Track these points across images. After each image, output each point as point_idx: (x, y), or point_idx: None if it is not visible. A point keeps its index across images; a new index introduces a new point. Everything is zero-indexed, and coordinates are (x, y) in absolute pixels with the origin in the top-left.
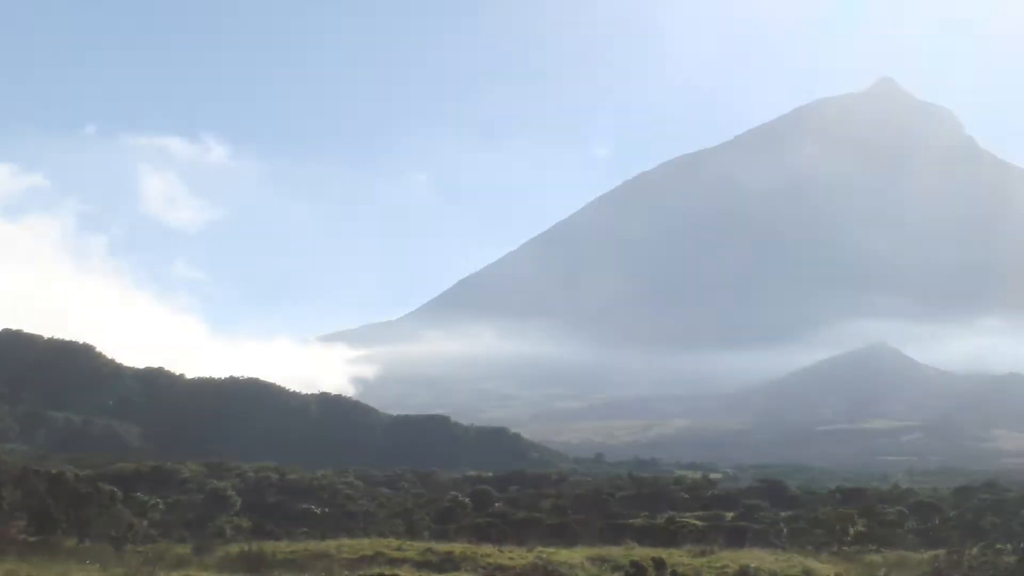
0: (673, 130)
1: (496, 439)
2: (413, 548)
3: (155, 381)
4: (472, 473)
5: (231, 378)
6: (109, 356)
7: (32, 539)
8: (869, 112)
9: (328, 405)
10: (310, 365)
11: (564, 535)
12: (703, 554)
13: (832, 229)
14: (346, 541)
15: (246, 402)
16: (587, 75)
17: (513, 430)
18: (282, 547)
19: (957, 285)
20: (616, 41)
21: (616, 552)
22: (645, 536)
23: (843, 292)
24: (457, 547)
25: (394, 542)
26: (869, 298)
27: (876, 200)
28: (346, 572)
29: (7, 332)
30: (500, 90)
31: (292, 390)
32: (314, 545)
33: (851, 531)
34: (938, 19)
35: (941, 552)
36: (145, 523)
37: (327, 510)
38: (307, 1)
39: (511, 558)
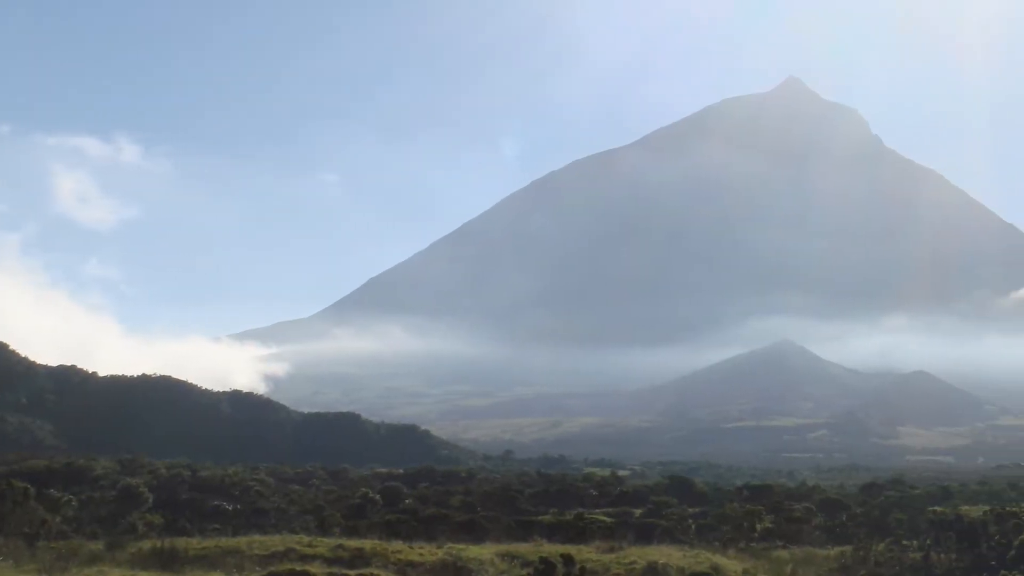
0: (583, 129)
1: (406, 436)
2: (324, 544)
3: (68, 379)
4: (382, 470)
5: (144, 376)
6: (22, 354)
7: None
8: (776, 112)
9: (240, 403)
10: (222, 363)
11: (473, 532)
12: (612, 551)
13: (739, 228)
14: (257, 537)
15: (159, 400)
16: (498, 74)
17: (423, 427)
18: (194, 543)
19: (863, 284)
20: (527, 41)
21: (525, 549)
22: (554, 533)
23: (750, 290)
24: (368, 543)
25: (305, 538)
26: (776, 296)
27: (783, 199)
28: (257, 568)
29: None
30: (411, 89)
31: (204, 388)
32: (226, 542)
33: (758, 527)
34: (844, 19)
35: (848, 548)
36: (58, 520)
37: (239, 507)
38: (216, 1)
39: (421, 555)
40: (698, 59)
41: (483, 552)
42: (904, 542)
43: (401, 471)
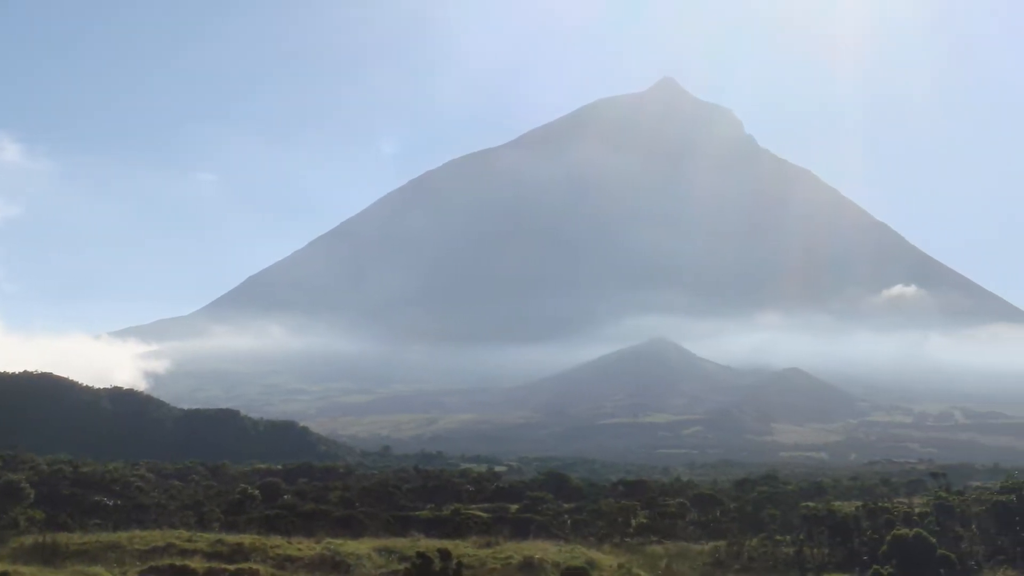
0: (460, 129)
1: (285, 433)
2: (204, 539)
3: None
4: (261, 466)
5: (25, 373)
6: None
7: None
8: (651, 111)
9: (120, 399)
10: (103, 360)
11: (351, 527)
12: (488, 545)
13: (615, 227)
14: (138, 532)
15: (40, 396)
16: (375, 75)
17: (301, 424)
18: (75, 538)
19: (737, 282)
20: (404, 41)
21: (403, 543)
22: (431, 528)
23: (626, 288)
24: (247, 538)
25: (185, 533)
26: (651, 294)
27: (658, 198)
28: (138, 563)
29: None
30: (289, 89)
31: (85, 385)
32: (107, 536)
33: (633, 523)
34: (718, 20)
35: (721, 543)
36: None
37: (119, 502)
38: (94, 1)
39: (299, 549)
40: (574, 59)
41: (361, 547)
42: (777, 537)
43: (280, 467)
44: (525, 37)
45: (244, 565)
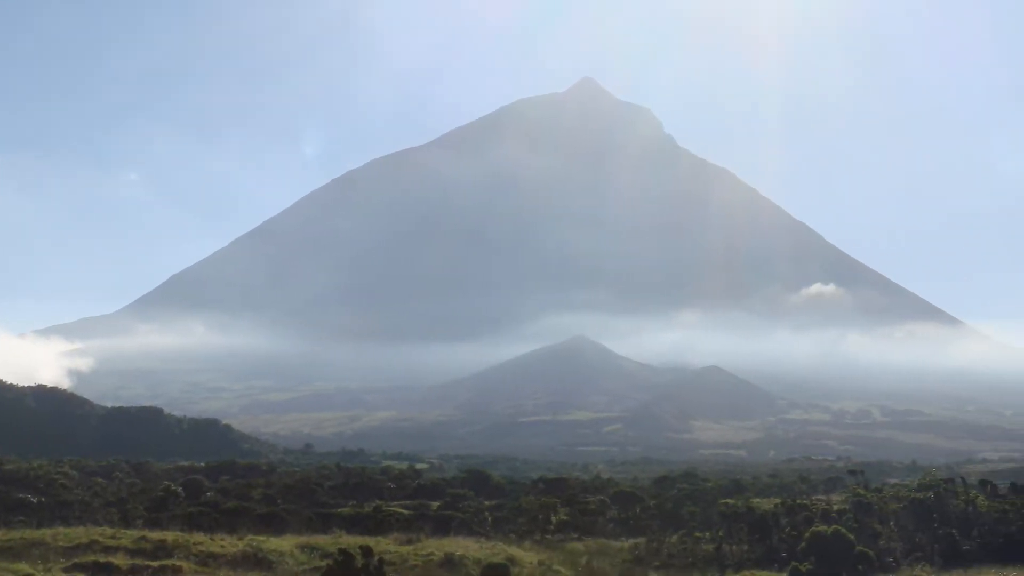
0: (382, 129)
1: (208, 430)
2: (127, 536)
3: None
4: (185, 463)
5: None
6: None
7: None
8: (571, 111)
9: (44, 397)
10: (26, 358)
11: (274, 524)
12: (410, 542)
13: (536, 226)
14: (62, 529)
15: None
16: (298, 74)
17: (224, 421)
18: None
19: (657, 280)
20: (326, 40)
21: (324, 540)
22: (353, 525)
23: (546, 287)
24: (170, 535)
25: (109, 530)
26: (571, 293)
27: (578, 197)
28: (62, 560)
29: None
30: (213, 88)
31: (8, 383)
32: (30, 533)
33: (554, 520)
34: (638, 20)
35: (641, 540)
36: None
37: (43, 499)
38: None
39: (222, 546)
40: (495, 59)
41: (283, 544)
42: (697, 534)
43: (203, 464)
44: (447, 37)
45: (167, 562)
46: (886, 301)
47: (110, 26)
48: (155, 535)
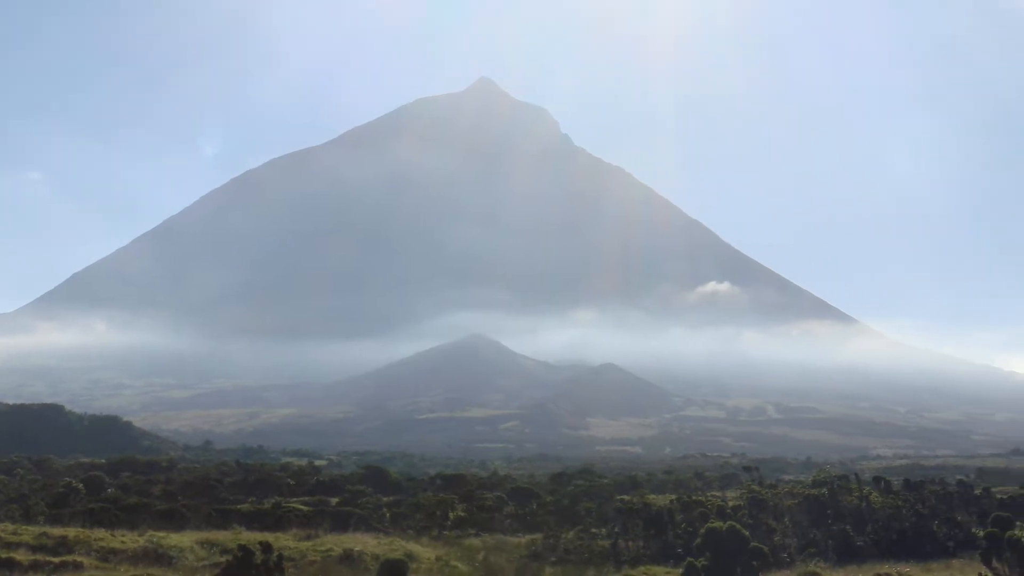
0: (281, 128)
1: (109, 427)
2: (28, 532)
3: None
4: (85, 460)
5: None
6: None
7: None
8: (469, 111)
9: None
10: None
11: (174, 520)
12: (309, 538)
13: (434, 224)
14: None
15: None
16: (196, 74)
17: (125, 418)
18: None
19: (554, 279)
20: (225, 40)
21: (224, 536)
22: (253, 521)
23: (444, 285)
24: (71, 531)
25: (10, 526)
26: (469, 291)
27: (476, 196)
28: None
29: None
30: (114, 88)
31: None
32: None
33: (451, 516)
34: (535, 21)
35: (538, 536)
36: None
37: None
38: None
39: (123, 542)
40: (393, 59)
41: (183, 539)
42: (593, 530)
43: (104, 461)
44: (345, 37)
45: (68, 558)
46: (781, 299)
47: (7, 25)
48: (56, 531)
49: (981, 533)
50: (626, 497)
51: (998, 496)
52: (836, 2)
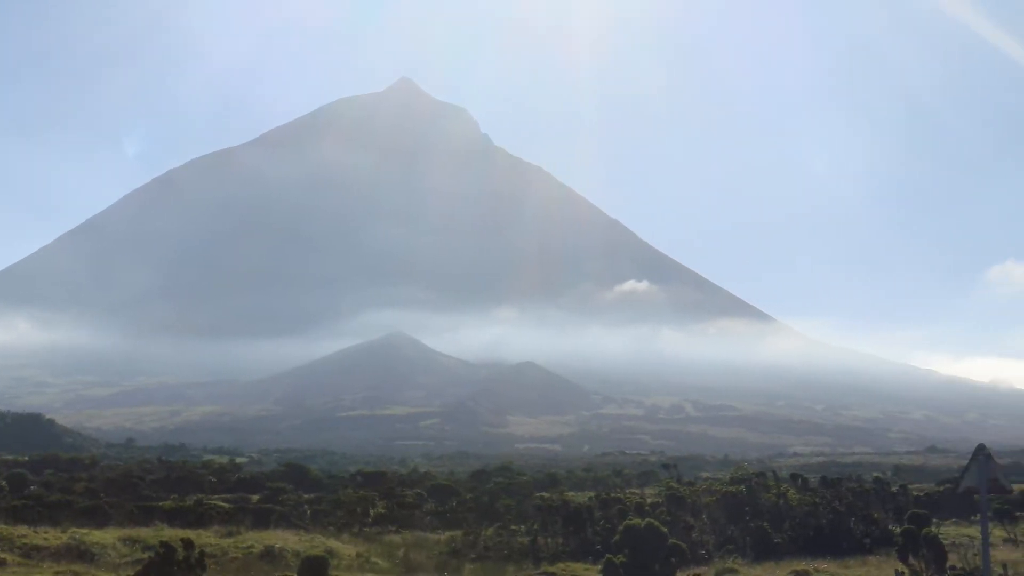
0: (202, 128)
1: (31, 425)
2: None
3: None
4: (8, 457)
5: None
6: None
7: None
8: (389, 111)
9: None
10: None
11: (96, 517)
12: (230, 535)
13: (354, 223)
14: None
15: None
16: (118, 73)
17: (48, 416)
18: None
19: (474, 277)
20: (145, 40)
21: (146, 533)
22: (174, 518)
23: (365, 284)
24: None
25: None
26: (390, 289)
27: (397, 195)
28: None
29: None
30: (34, 86)
31: None
32: None
33: (372, 513)
34: (455, 21)
35: (458, 533)
36: None
37: None
38: None
39: (46, 539)
40: (314, 59)
41: (106, 536)
42: (512, 527)
43: (26, 458)
44: (266, 37)
45: None
46: (699, 298)
47: None
48: None
49: (898, 530)
50: (545, 494)
51: (915, 493)
52: (753, 3)
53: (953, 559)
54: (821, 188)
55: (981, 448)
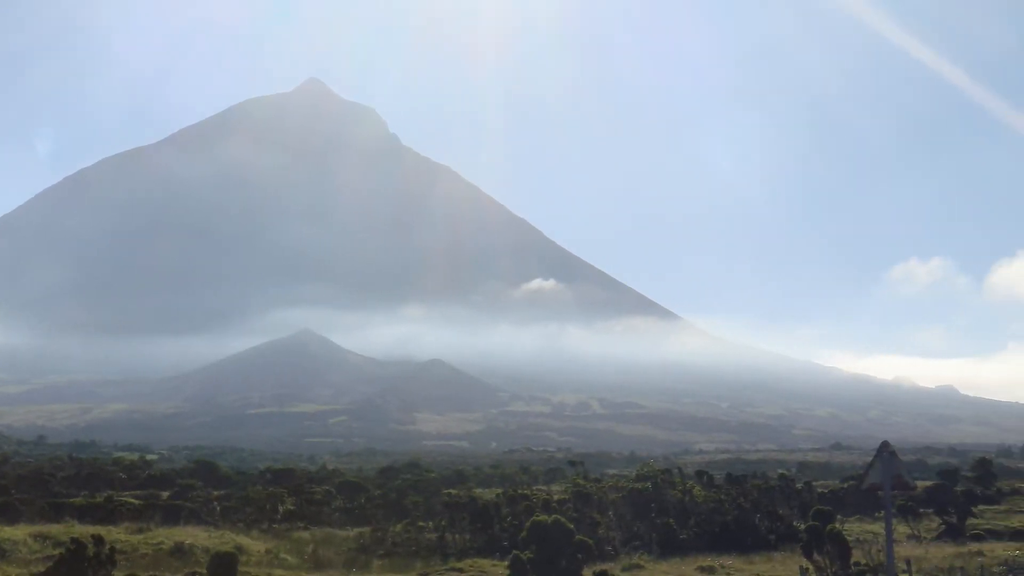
0: (114, 128)
1: None
2: None
3: None
4: None
5: None
6: None
7: None
8: (298, 111)
9: None
10: None
11: (7, 513)
12: (141, 531)
13: (264, 222)
14: None
15: None
16: (29, 74)
17: None
18: None
19: (383, 275)
20: (57, 41)
21: (57, 529)
22: (85, 514)
23: (274, 282)
24: None
25: None
26: (299, 288)
27: (306, 195)
28: None
29: None
30: None
31: None
32: None
33: (281, 509)
34: (363, 21)
35: (366, 529)
36: None
37: None
38: None
39: None
40: (223, 59)
41: (17, 533)
42: (420, 523)
43: None
44: (177, 38)
45: None
46: (605, 296)
47: None
48: None
49: (802, 526)
50: (453, 491)
51: (819, 490)
52: (658, 4)
53: (857, 555)
54: (726, 187)
55: (885, 445)
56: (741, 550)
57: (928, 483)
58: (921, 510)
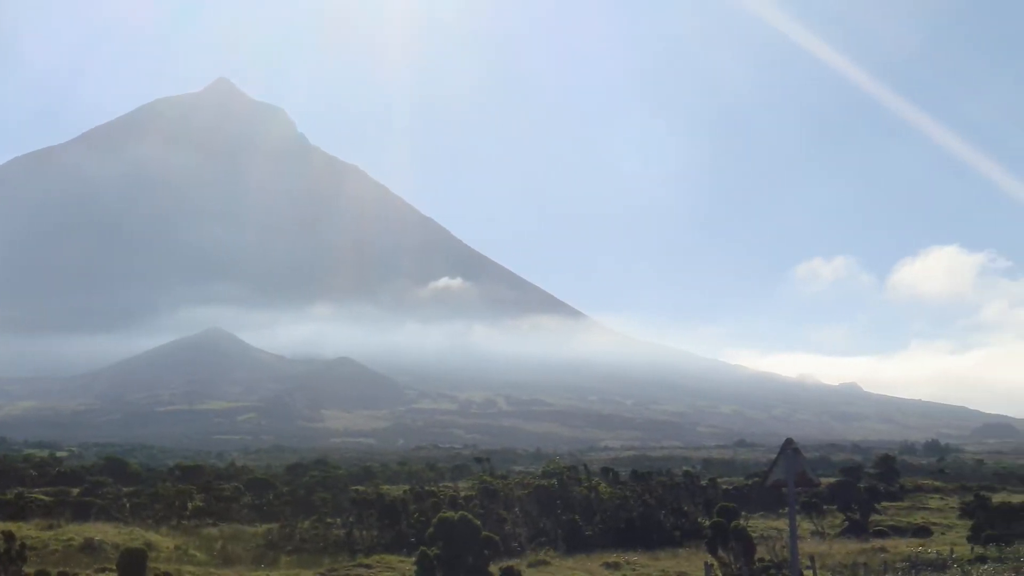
0: (22, 127)
1: None
2: None
3: None
4: None
5: None
6: None
7: None
8: (207, 111)
9: None
10: None
11: None
12: (51, 528)
13: (174, 222)
14: None
15: None
16: None
17: None
18: None
19: (291, 274)
20: None
21: None
22: None
23: (184, 280)
24: None
25: None
26: (208, 287)
27: (215, 194)
28: None
29: None
30: None
31: None
32: None
33: (190, 506)
34: (271, 22)
35: (275, 526)
36: None
37: None
38: None
39: None
40: (133, 59)
41: None
42: (328, 520)
43: None
44: (86, 37)
45: None
46: (511, 295)
47: None
48: None
49: (707, 523)
50: (360, 488)
51: (724, 487)
52: (566, 4)
53: (761, 551)
54: (632, 187)
55: (789, 442)
56: (647, 546)
57: (832, 480)
58: (825, 507)
